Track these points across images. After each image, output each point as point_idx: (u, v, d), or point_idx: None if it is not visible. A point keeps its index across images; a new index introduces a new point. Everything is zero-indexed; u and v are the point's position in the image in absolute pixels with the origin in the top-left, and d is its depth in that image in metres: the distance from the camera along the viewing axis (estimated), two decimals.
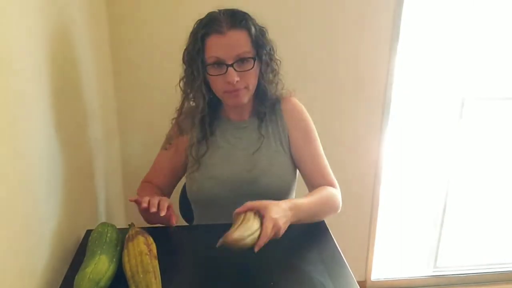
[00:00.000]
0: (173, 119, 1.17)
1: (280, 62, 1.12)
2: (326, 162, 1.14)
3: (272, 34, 1.09)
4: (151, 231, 0.94)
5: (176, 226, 1.06)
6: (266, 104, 1.13)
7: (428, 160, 2.07)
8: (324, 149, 1.13)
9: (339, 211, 1.11)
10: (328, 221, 1.09)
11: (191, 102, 1.13)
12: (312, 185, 1.11)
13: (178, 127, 1.16)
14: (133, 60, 1.61)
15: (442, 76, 1.90)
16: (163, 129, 1.21)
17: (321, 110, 1.78)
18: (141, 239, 0.87)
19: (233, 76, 0.99)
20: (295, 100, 1.17)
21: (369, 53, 1.73)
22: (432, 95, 1.94)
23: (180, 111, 1.15)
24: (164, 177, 1.19)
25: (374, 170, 1.91)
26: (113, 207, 1.47)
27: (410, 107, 1.94)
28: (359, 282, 0.85)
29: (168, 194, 1.22)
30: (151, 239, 0.90)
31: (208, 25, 1.01)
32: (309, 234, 1.03)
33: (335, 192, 1.10)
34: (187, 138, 1.15)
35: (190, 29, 1.06)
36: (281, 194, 1.10)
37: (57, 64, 0.94)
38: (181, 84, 1.11)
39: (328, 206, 1.07)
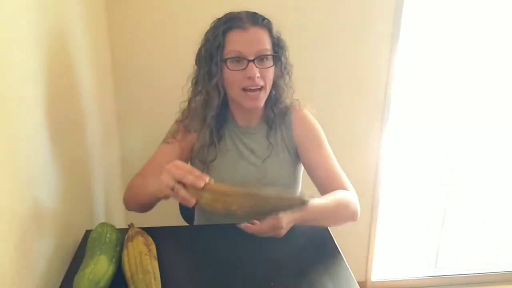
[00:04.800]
0: (177, 120, 1.14)
1: (292, 67, 1.10)
2: (340, 169, 1.09)
3: None
4: (151, 231, 0.94)
5: (176, 226, 1.05)
6: (276, 111, 1.12)
7: (428, 160, 2.07)
8: None
9: (357, 217, 1.04)
10: None
11: (196, 103, 1.09)
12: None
13: (185, 126, 1.12)
14: (133, 61, 1.60)
15: (442, 76, 1.90)
16: (163, 129, 1.20)
17: (321, 110, 1.76)
18: (140, 239, 0.87)
19: (255, 71, 0.98)
20: (306, 112, 1.16)
21: (369, 53, 1.73)
22: (432, 96, 1.94)
23: (188, 111, 1.11)
24: None
25: (374, 170, 1.91)
26: (113, 208, 1.47)
27: (410, 107, 1.93)
28: (359, 283, 0.85)
29: None
30: (150, 240, 0.90)
31: (230, 21, 1.00)
32: (309, 235, 1.02)
33: (352, 196, 1.04)
34: (193, 136, 1.11)
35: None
36: None
37: (56, 65, 0.94)
38: (194, 83, 1.07)
39: (343, 207, 1.01)
